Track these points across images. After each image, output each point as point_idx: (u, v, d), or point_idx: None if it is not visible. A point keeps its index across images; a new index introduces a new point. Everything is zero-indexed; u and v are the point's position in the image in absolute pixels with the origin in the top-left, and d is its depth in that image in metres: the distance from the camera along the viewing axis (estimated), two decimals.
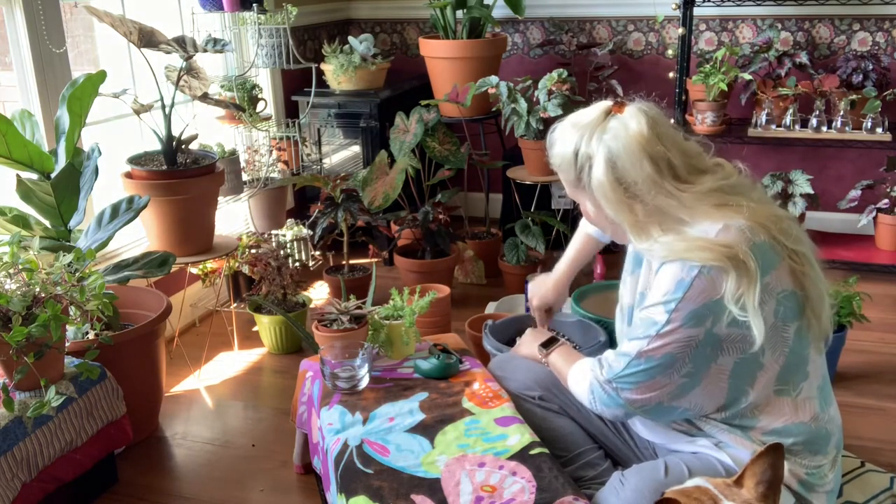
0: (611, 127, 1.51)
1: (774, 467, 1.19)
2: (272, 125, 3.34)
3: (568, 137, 1.56)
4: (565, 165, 1.57)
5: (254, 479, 2.21)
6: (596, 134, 1.51)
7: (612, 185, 1.50)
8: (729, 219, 1.46)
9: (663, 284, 1.48)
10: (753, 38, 3.71)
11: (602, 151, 1.50)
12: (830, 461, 1.56)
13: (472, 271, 3.51)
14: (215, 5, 3.03)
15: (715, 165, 1.57)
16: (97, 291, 1.93)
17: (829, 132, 3.35)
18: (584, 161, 1.53)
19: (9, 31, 2.48)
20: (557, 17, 3.97)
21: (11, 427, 1.83)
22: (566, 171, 1.57)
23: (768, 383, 1.50)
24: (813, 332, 1.52)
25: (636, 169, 1.48)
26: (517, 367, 1.92)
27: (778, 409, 1.51)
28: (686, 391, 1.50)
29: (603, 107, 1.56)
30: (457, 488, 1.53)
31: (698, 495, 1.19)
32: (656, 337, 1.47)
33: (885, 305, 3.11)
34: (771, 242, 1.46)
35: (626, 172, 1.49)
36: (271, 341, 2.93)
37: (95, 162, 2.35)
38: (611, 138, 1.50)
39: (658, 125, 1.52)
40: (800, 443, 1.52)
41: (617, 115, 1.52)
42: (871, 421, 2.38)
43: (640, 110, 1.52)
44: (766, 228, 1.46)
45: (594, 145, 1.51)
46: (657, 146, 1.49)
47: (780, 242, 1.47)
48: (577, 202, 1.65)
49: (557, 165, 1.59)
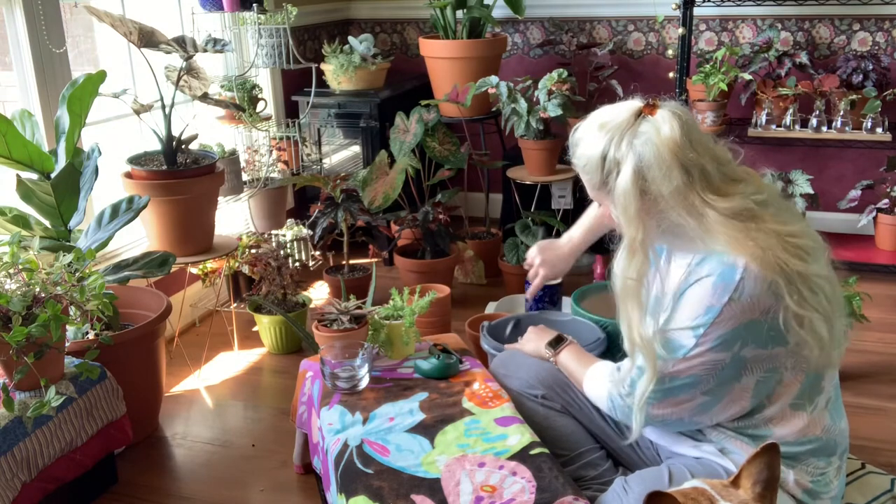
0: (642, 131, 1.43)
1: (771, 467, 1.19)
2: (272, 125, 3.34)
3: (595, 139, 1.48)
4: (591, 168, 1.50)
5: (254, 479, 2.21)
6: (626, 138, 1.43)
7: (635, 196, 1.43)
8: (743, 252, 1.40)
9: (692, 307, 1.44)
10: (753, 38, 3.71)
11: (631, 158, 1.43)
12: (835, 468, 1.56)
13: (472, 271, 3.51)
14: (215, 5, 3.03)
15: (745, 174, 1.51)
16: (97, 291, 1.93)
17: (829, 132, 3.35)
18: (611, 166, 1.46)
19: (9, 31, 2.48)
20: (557, 17, 3.97)
21: (11, 427, 1.83)
22: (591, 173, 1.50)
23: (787, 398, 1.49)
24: (832, 346, 1.49)
25: (665, 180, 1.40)
26: (520, 366, 1.92)
27: (792, 421, 1.51)
28: (707, 408, 1.50)
29: (633, 107, 1.47)
30: (457, 488, 1.53)
31: (695, 496, 1.19)
32: (682, 360, 1.45)
33: (885, 305, 3.11)
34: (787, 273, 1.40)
35: (653, 183, 1.42)
36: (271, 341, 2.93)
37: (95, 162, 2.35)
38: (641, 144, 1.42)
39: (691, 130, 1.44)
40: (807, 451, 1.52)
41: (648, 117, 1.44)
42: (871, 421, 2.38)
43: (674, 114, 1.44)
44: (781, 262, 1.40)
45: (623, 150, 1.44)
46: (690, 153, 1.41)
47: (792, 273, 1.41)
48: (598, 202, 1.60)
49: (581, 167, 1.52)
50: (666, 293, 1.55)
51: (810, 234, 1.49)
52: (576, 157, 1.54)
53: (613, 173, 1.46)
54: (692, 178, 1.42)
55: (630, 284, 1.48)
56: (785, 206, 1.53)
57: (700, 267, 1.46)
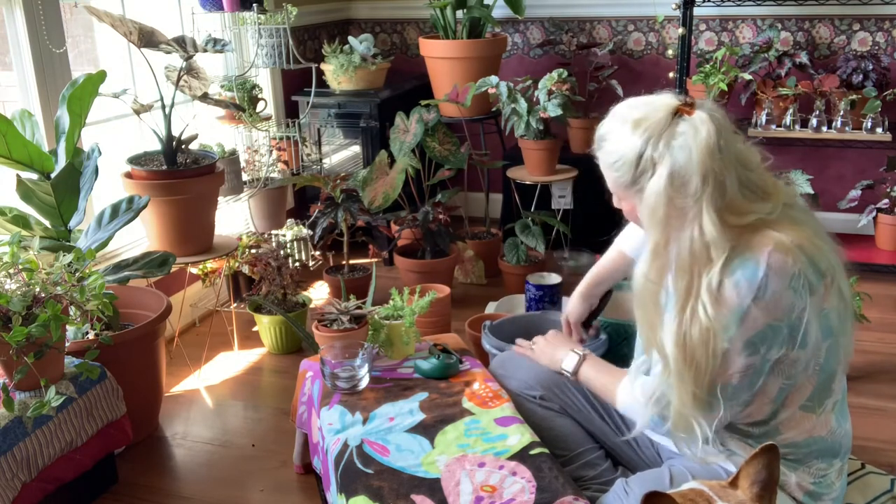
0: (680, 132, 1.38)
1: (769, 468, 1.19)
2: (272, 125, 3.34)
3: (630, 136, 1.42)
4: (622, 166, 1.44)
5: (254, 479, 2.21)
6: (664, 138, 1.38)
7: (666, 199, 1.38)
8: (765, 246, 1.37)
9: (717, 310, 1.39)
10: (753, 38, 3.71)
11: (668, 160, 1.37)
12: (837, 470, 1.55)
13: (472, 271, 3.51)
14: (215, 5, 3.03)
15: (772, 185, 1.47)
16: (97, 291, 1.93)
17: (829, 132, 3.35)
18: (647, 166, 1.40)
19: (9, 31, 2.48)
20: (557, 17, 3.97)
21: (11, 427, 1.83)
22: (621, 171, 1.44)
23: (799, 401, 1.48)
24: (843, 349, 1.48)
25: (693, 186, 1.36)
26: (518, 366, 1.92)
27: (800, 424, 1.49)
28: (736, 416, 1.49)
29: (669, 105, 1.41)
30: (457, 488, 1.53)
31: (693, 496, 1.19)
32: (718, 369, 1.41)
33: (885, 305, 3.11)
34: (812, 263, 1.39)
35: (685, 188, 1.37)
36: (271, 341, 2.93)
37: (95, 162, 2.35)
38: (679, 146, 1.37)
39: (724, 136, 1.39)
40: (812, 453, 1.51)
41: (685, 117, 1.39)
42: (872, 421, 2.38)
43: (711, 117, 1.39)
44: (805, 251, 1.39)
45: (661, 151, 1.38)
46: (718, 163, 1.36)
47: (818, 262, 1.40)
48: (618, 199, 1.55)
49: (611, 163, 1.46)
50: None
51: (826, 237, 1.48)
52: (605, 152, 1.47)
53: (647, 174, 1.41)
54: (712, 189, 1.37)
55: (650, 287, 1.45)
56: (806, 213, 1.51)
57: (722, 266, 1.39)
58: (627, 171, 1.44)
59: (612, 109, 1.50)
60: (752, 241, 1.39)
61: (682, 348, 1.40)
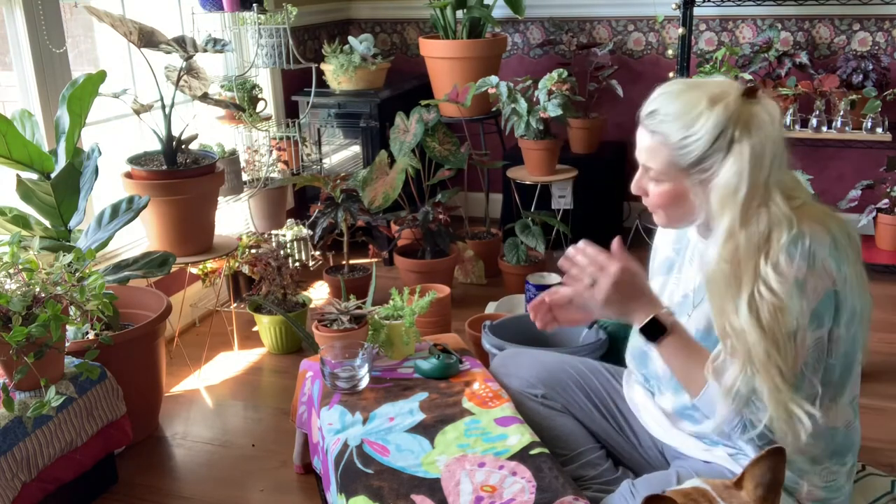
0: (755, 112, 1.39)
1: (775, 471, 1.18)
2: (272, 125, 3.34)
3: (707, 113, 1.39)
4: (693, 143, 1.40)
5: (254, 479, 2.21)
6: (743, 118, 1.38)
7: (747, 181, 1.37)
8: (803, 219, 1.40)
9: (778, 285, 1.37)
10: (753, 38, 3.71)
11: (748, 141, 1.37)
12: (848, 470, 1.56)
13: (472, 271, 3.51)
14: (215, 5, 3.03)
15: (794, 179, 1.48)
16: (97, 291, 1.93)
17: (829, 132, 3.35)
18: (722, 145, 1.39)
19: (9, 31, 2.48)
20: (557, 17, 3.97)
21: (11, 427, 1.83)
22: (689, 149, 1.41)
23: (829, 388, 1.47)
24: (863, 334, 1.49)
25: (766, 166, 1.38)
26: (520, 365, 1.92)
27: (828, 411, 1.48)
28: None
29: (736, 86, 1.41)
30: (457, 488, 1.53)
31: (696, 496, 1.19)
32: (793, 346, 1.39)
33: (885, 305, 3.11)
34: (843, 232, 1.42)
35: (760, 169, 1.38)
36: (271, 341, 2.93)
37: (95, 162, 2.35)
38: (757, 127, 1.38)
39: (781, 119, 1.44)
40: (829, 449, 1.51)
41: (756, 98, 1.40)
42: (872, 421, 2.37)
43: (775, 104, 1.42)
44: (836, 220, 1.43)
45: (741, 130, 1.38)
46: (781, 146, 1.40)
47: (848, 231, 1.43)
48: (656, 182, 1.48)
49: (676, 141, 1.41)
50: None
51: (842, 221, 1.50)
52: (670, 129, 1.42)
53: (721, 153, 1.39)
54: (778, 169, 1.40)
55: (725, 269, 1.40)
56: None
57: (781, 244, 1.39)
58: (698, 149, 1.40)
59: (664, 88, 1.47)
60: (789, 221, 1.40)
61: (760, 330, 1.37)
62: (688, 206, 1.48)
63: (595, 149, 3.79)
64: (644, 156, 1.49)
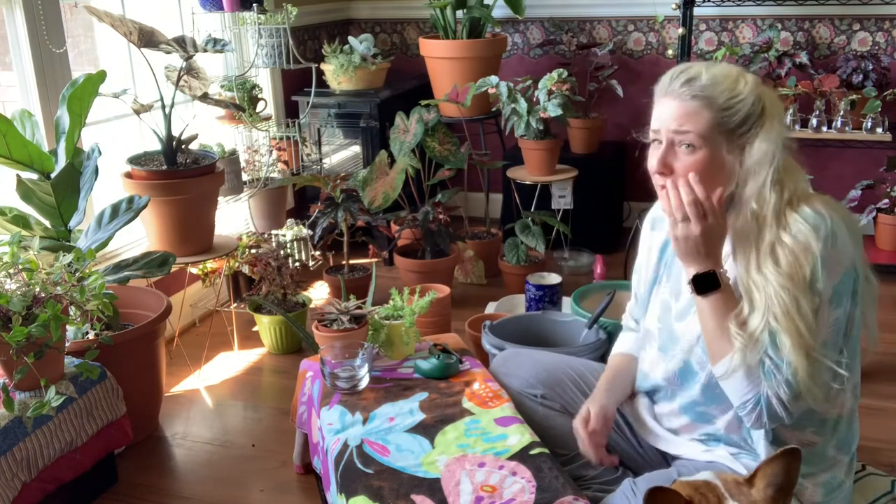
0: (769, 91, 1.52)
1: (788, 472, 1.17)
2: (272, 125, 3.34)
3: (744, 77, 1.47)
4: (738, 104, 1.44)
5: (254, 479, 2.21)
6: (766, 92, 1.49)
7: (781, 144, 1.45)
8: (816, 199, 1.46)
9: (797, 262, 1.40)
10: (753, 38, 3.71)
11: (773, 109, 1.47)
12: (847, 465, 1.57)
13: (472, 271, 3.51)
14: (215, 5, 3.03)
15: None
16: (97, 291, 1.93)
17: (829, 132, 3.35)
18: (758, 109, 1.45)
19: (9, 31, 2.48)
20: (557, 17, 3.97)
21: (11, 427, 1.83)
22: (734, 110, 1.44)
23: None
24: (868, 320, 1.51)
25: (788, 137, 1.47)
26: (520, 365, 1.92)
27: (835, 398, 1.50)
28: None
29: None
30: (457, 488, 1.53)
31: (705, 490, 1.17)
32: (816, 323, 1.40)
33: (886, 305, 3.11)
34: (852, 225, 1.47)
35: (786, 137, 1.47)
36: (271, 341, 2.93)
37: (95, 162, 2.35)
38: (773, 98, 1.50)
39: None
40: (832, 440, 1.52)
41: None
42: (871, 421, 2.37)
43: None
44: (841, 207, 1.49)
45: (767, 101, 1.47)
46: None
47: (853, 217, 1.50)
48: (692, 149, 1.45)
49: (724, 101, 1.44)
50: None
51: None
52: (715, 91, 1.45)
53: (754, 117, 1.45)
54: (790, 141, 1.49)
55: (752, 225, 1.45)
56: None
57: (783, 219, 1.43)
58: (744, 110, 1.45)
59: (686, 65, 1.51)
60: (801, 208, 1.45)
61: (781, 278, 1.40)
62: (721, 177, 1.47)
63: (595, 149, 3.79)
64: (678, 122, 1.46)
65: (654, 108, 1.52)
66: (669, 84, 1.49)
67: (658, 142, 1.49)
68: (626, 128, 4.02)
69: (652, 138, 1.51)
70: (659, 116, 1.49)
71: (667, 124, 1.47)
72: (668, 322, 1.63)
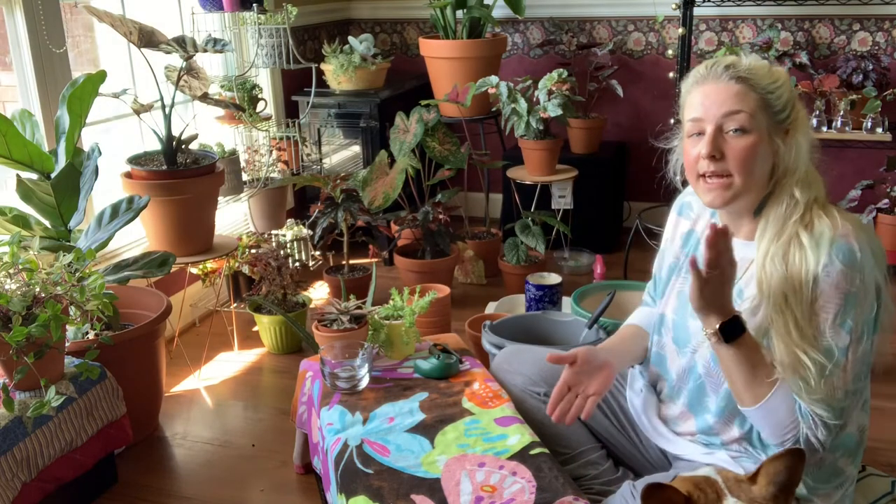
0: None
1: (790, 472, 1.17)
2: (272, 125, 3.34)
3: (775, 66, 1.50)
4: (779, 88, 1.46)
5: (254, 479, 2.21)
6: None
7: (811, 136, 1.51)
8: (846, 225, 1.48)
9: (829, 298, 1.41)
10: (753, 38, 3.71)
11: (804, 110, 1.52)
12: (854, 478, 1.58)
13: (472, 271, 3.51)
14: (215, 5, 3.03)
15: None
16: (97, 291, 1.93)
17: (829, 132, 3.34)
18: (794, 96, 1.49)
19: (9, 31, 2.48)
20: (557, 17, 3.97)
21: (11, 427, 1.83)
22: (778, 93, 1.46)
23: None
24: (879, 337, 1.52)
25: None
26: (523, 362, 1.91)
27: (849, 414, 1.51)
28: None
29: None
30: (457, 488, 1.53)
31: (704, 486, 1.17)
32: (848, 361, 1.44)
33: None
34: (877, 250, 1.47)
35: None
36: (271, 341, 2.93)
37: (95, 162, 2.35)
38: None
39: None
40: (839, 455, 1.53)
41: None
42: (872, 421, 2.36)
43: None
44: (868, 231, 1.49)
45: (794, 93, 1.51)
46: None
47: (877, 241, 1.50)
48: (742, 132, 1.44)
49: (767, 84, 1.45)
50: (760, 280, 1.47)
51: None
52: (759, 76, 1.46)
53: (791, 105, 1.48)
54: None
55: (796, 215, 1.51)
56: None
57: (811, 249, 1.43)
58: (783, 96, 1.47)
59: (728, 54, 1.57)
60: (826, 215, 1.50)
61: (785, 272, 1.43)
62: (768, 164, 1.49)
63: (595, 149, 3.79)
64: (729, 104, 1.44)
65: (689, 99, 1.50)
66: (708, 71, 1.48)
67: (698, 134, 1.48)
68: (626, 128, 4.03)
69: (691, 131, 1.49)
70: (701, 104, 1.47)
71: (713, 109, 1.45)
72: (683, 315, 1.63)
